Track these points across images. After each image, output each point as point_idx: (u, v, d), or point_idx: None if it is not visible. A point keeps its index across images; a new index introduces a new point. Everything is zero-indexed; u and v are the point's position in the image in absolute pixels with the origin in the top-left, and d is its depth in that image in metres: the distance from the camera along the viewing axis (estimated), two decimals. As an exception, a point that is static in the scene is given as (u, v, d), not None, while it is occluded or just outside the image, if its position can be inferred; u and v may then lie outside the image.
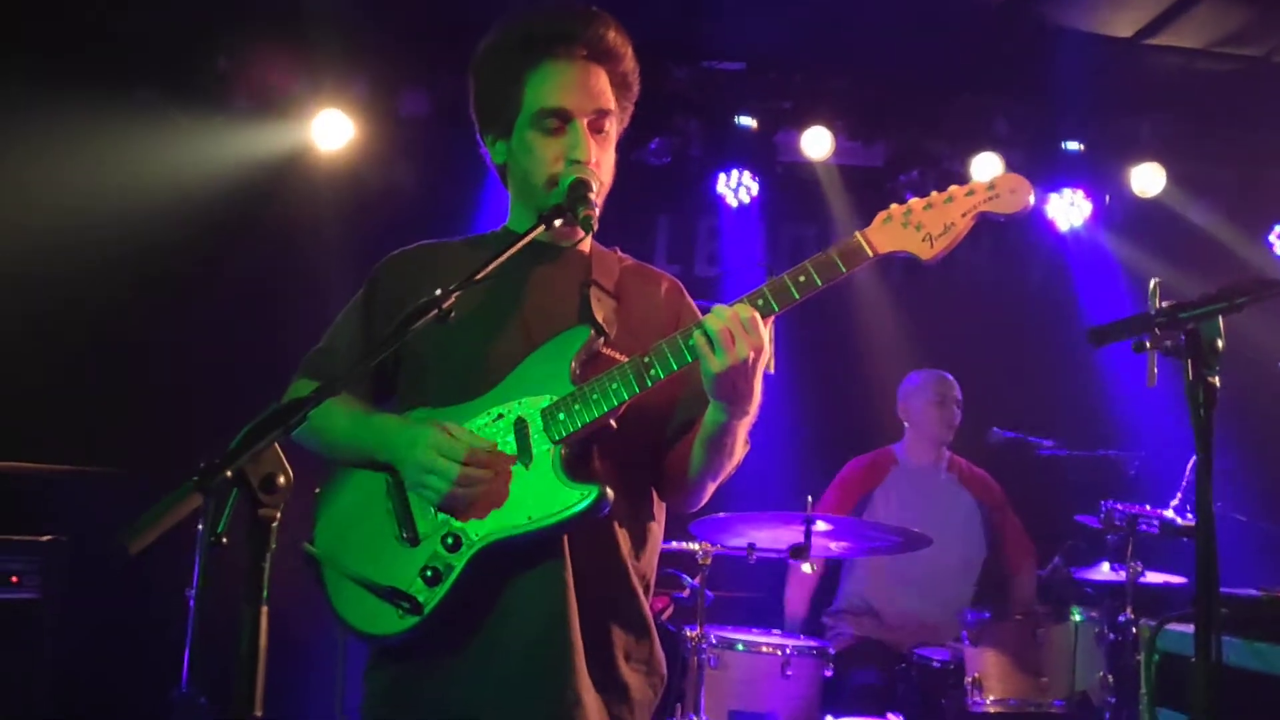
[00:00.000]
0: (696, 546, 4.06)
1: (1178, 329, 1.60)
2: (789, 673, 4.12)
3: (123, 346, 5.00)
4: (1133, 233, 5.94)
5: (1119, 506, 4.12)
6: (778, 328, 2.15)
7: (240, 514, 1.58)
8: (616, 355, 2.14)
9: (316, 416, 2.22)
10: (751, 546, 4.09)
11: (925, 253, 2.04)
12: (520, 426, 2.10)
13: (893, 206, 2.07)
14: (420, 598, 2.05)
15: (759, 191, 5.72)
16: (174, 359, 5.06)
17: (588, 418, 2.06)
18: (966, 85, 5.72)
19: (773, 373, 2.88)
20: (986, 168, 5.63)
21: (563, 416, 2.07)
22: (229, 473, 1.53)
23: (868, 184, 5.86)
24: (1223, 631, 2.47)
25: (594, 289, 2.21)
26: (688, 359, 2.04)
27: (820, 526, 4.06)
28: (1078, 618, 4.11)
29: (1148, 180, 5.73)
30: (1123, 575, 4.06)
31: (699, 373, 2.12)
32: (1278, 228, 5.99)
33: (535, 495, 2.05)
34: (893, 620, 4.81)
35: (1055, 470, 5.08)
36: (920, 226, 2.03)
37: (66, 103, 4.83)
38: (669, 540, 3.98)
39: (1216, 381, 1.60)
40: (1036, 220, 5.94)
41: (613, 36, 2.21)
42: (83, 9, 4.91)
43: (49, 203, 4.87)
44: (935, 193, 2.06)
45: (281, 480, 1.58)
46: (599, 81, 2.20)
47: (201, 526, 3.44)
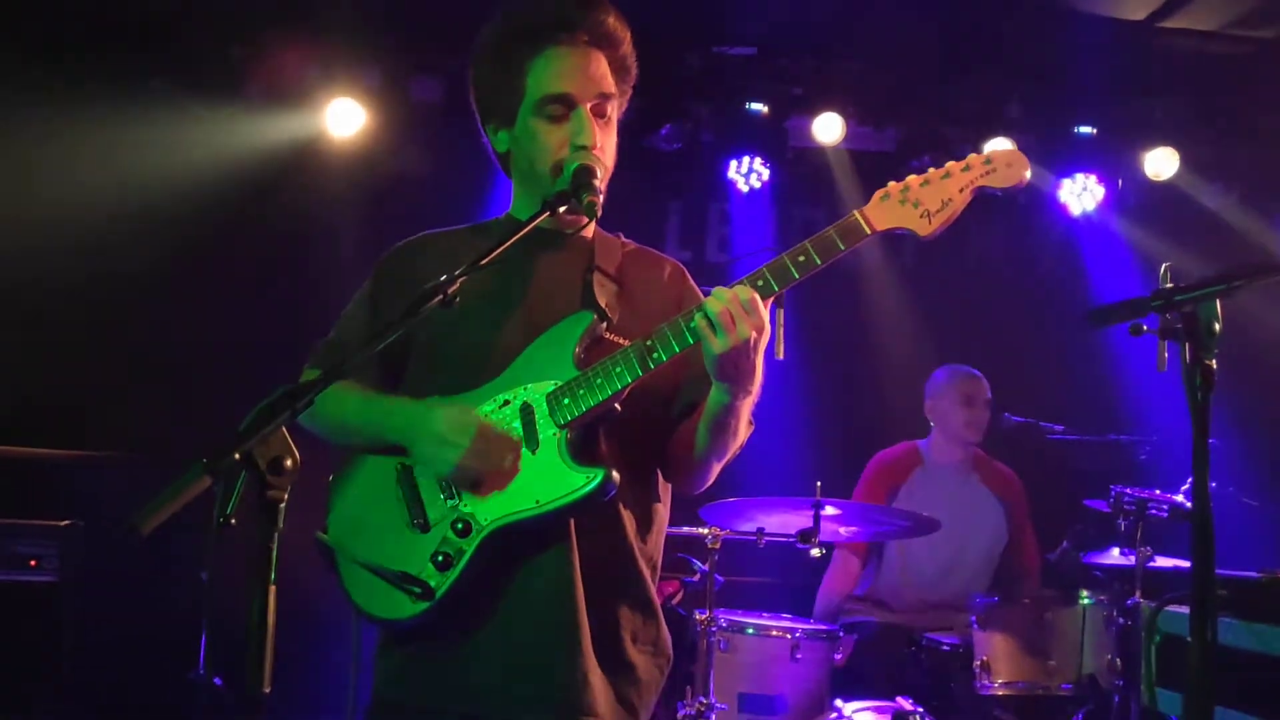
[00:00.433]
0: (706, 531, 4.08)
1: (1175, 311, 1.60)
2: (798, 656, 4.14)
3: (140, 333, 5.05)
4: (1145, 217, 5.90)
5: (1128, 491, 4.12)
6: (788, 313, 2.17)
7: (249, 496, 1.62)
8: (619, 340, 2.16)
9: (325, 400, 2.25)
10: (761, 531, 4.11)
11: (923, 229, 2.06)
12: (526, 412, 2.13)
13: (890, 184, 2.09)
14: (432, 582, 2.08)
15: (770, 177, 5.72)
16: (190, 345, 5.11)
17: (592, 402, 2.09)
18: (978, 69, 5.69)
19: (781, 358, 2.90)
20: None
21: (567, 401, 2.10)
22: (237, 455, 1.56)
23: (879, 169, 5.82)
24: (1223, 613, 2.50)
25: (597, 274, 2.23)
26: (689, 341, 2.06)
27: (829, 511, 4.08)
28: (1086, 601, 4.11)
29: (1161, 164, 5.69)
30: (1132, 560, 4.06)
31: (701, 355, 2.14)
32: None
33: (542, 479, 2.08)
34: (909, 613, 4.82)
35: (1066, 455, 5.08)
36: (918, 203, 2.05)
37: (82, 93, 4.88)
38: (679, 525, 4.02)
39: (1214, 364, 1.60)
40: (1049, 205, 5.92)
41: (612, 21, 2.23)
42: (99, 1, 4.95)
43: (66, 192, 4.92)
44: (932, 169, 2.08)
45: (289, 463, 1.60)
46: (600, 66, 2.21)
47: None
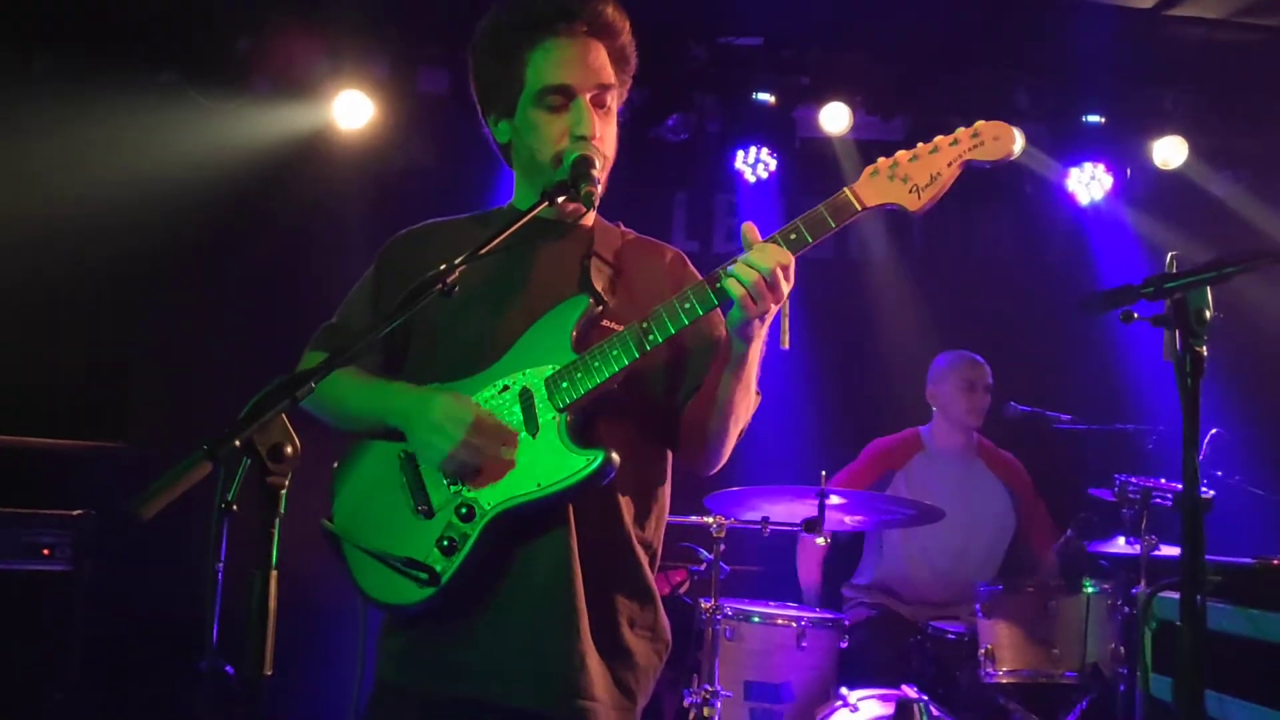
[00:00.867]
0: (711, 520, 4.10)
1: (1165, 299, 1.61)
2: (804, 644, 4.16)
3: (151, 323, 5.09)
4: (1153, 206, 5.88)
5: (1133, 480, 4.12)
6: (793, 302, 2.18)
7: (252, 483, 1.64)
8: (615, 325, 2.18)
9: (327, 386, 2.29)
10: (765, 520, 4.12)
11: (913, 204, 2.08)
12: (525, 396, 2.15)
13: (879, 160, 2.11)
14: (438, 567, 2.11)
15: (777, 167, 5.70)
16: (199, 336, 5.14)
17: (590, 385, 2.11)
18: (986, 58, 5.67)
19: (786, 348, 2.92)
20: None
21: (566, 385, 2.13)
22: (237, 442, 1.59)
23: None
24: (1217, 599, 2.51)
25: (594, 260, 2.26)
26: (684, 322, 2.09)
27: (834, 500, 4.10)
28: (1090, 590, 4.12)
29: (1169, 153, 5.67)
30: (1137, 549, 4.07)
31: (701, 335, 2.16)
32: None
33: (543, 462, 2.11)
34: (914, 601, 4.84)
35: (1072, 444, 5.08)
36: (907, 179, 2.07)
37: (91, 86, 4.92)
38: (684, 514, 4.04)
39: (1204, 351, 1.61)
40: (1057, 194, 5.90)
41: (611, 11, 2.24)
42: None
43: (76, 185, 4.96)
44: (920, 144, 2.09)
45: (289, 449, 1.63)
46: (599, 57, 2.23)
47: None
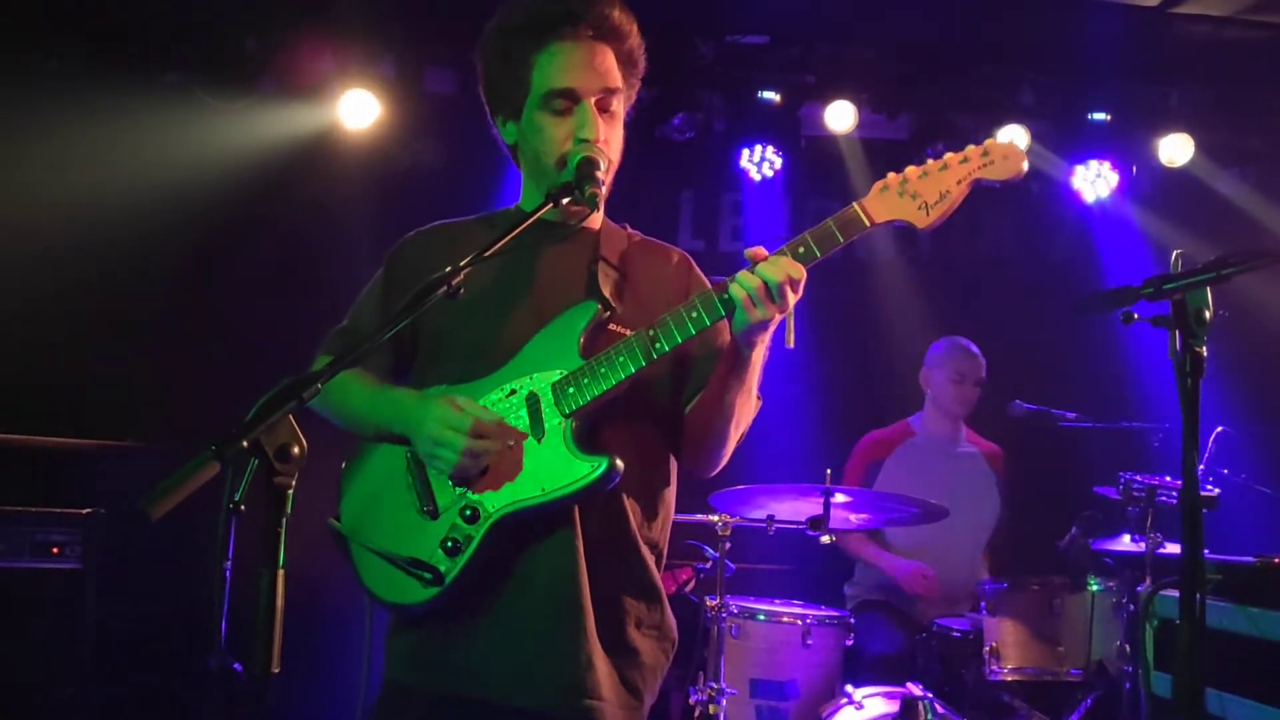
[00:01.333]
0: (716, 519, 4.11)
1: (1164, 300, 1.62)
2: (810, 642, 4.17)
3: (160, 322, 5.11)
4: (1159, 204, 5.88)
5: (1138, 478, 4.13)
6: (799, 301, 2.19)
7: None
8: (622, 330, 2.19)
9: (334, 390, 2.30)
10: (771, 518, 4.13)
11: (921, 221, 2.07)
12: (532, 401, 2.16)
13: (889, 175, 2.10)
14: (442, 568, 2.13)
15: (782, 166, 5.71)
16: (206, 335, 5.17)
17: (596, 391, 2.12)
18: (992, 56, 5.67)
19: (791, 346, 2.93)
20: (1012, 140, 5.59)
21: (572, 390, 2.14)
22: (245, 443, 1.61)
23: (892, 157, 5.82)
24: (1218, 597, 2.52)
25: (601, 265, 2.26)
26: (691, 331, 2.10)
27: (839, 499, 4.11)
28: (1095, 588, 4.13)
29: (1175, 150, 5.67)
30: (1142, 546, 4.07)
31: (706, 341, 2.18)
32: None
33: (548, 467, 2.12)
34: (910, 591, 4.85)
35: (1078, 442, 5.09)
36: (916, 195, 2.07)
37: (99, 87, 4.94)
38: (690, 512, 4.05)
39: (1204, 351, 1.62)
40: (1062, 192, 5.90)
41: (617, 15, 2.24)
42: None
43: (82, 184, 4.98)
44: (931, 160, 2.09)
45: (296, 450, 1.65)
46: (605, 60, 2.23)
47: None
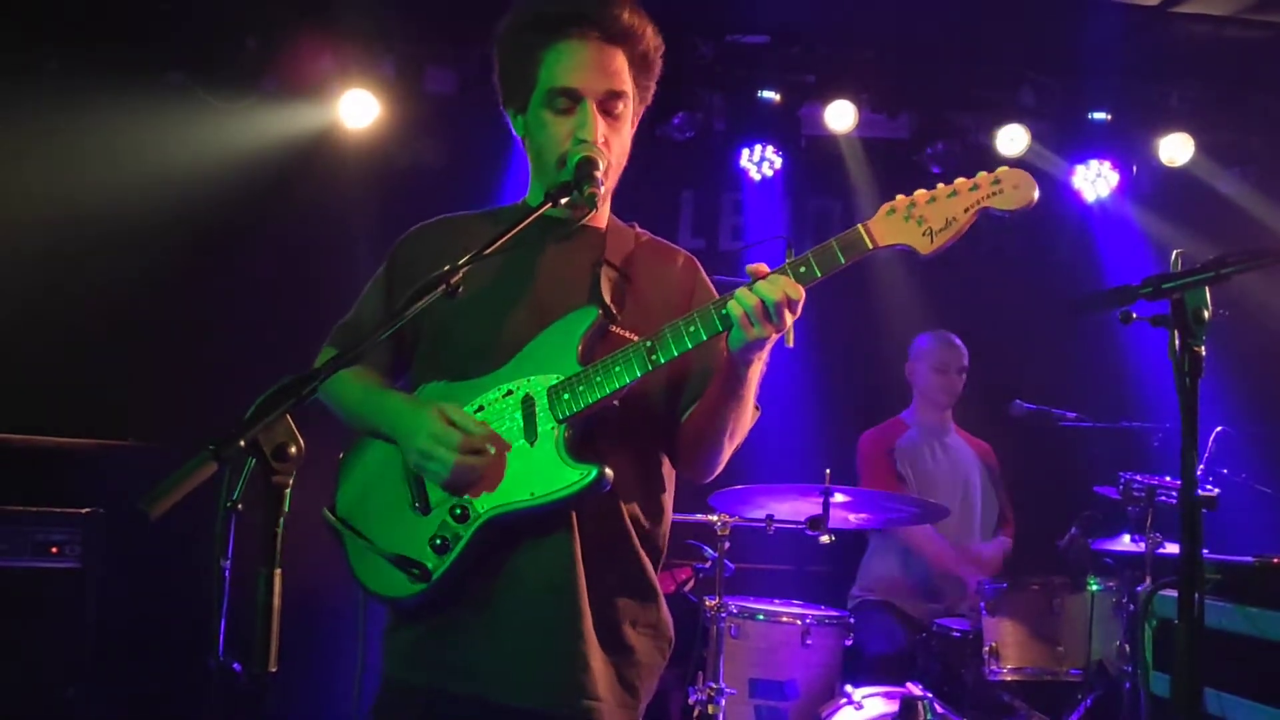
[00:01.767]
0: (716, 518, 4.11)
1: (1163, 299, 1.62)
2: (809, 642, 4.17)
3: (157, 323, 5.12)
4: (1160, 203, 5.88)
5: (1138, 478, 4.13)
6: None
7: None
8: (625, 334, 2.19)
9: (333, 387, 2.30)
10: (770, 518, 4.14)
11: (924, 247, 2.05)
12: (528, 404, 2.16)
13: (898, 198, 2.08)
14: (429, 564, 2.14)
15: (783, 165, 5.71)
16: (207, 334, 5.17)
17: (591, 399, 2.12)
18: (992, 56, 5.68)
19: (791, 346, 2.92)
20: (1012, 140, 5.60)
21: (567, 397, 2.14)
22: (243, 442, 1.61)
23: (892, 157, 5.84)
24: (1217, 597, 2.52)
25: (605, 268, 2.26)
26: (687, 345, 2.09)
27: (838, 498, 4.11)
28: (1094, 588, 4.13)
29: (1176, 150, 5.67)
30: (1142, 546, 4.07)
31: (706, 351, 2.17)
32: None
33: (538, 472, 2.12)
34: (914, 583, 4.85)
35: (1078, 442, 5.09)
36: (922, 220, 2.05)
37: (99, 87, 4.95)
38: (689, 512, 4.05)
39: (1202, 351, 1.62)
40: (1063, 191, 5.90)
41: (627, 16, 2.23)
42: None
43: (83, 183, 4.99)
44: (941, 185, 2.06)
45: (293, 450, 1.65)
46: (613, 62, 2.22)
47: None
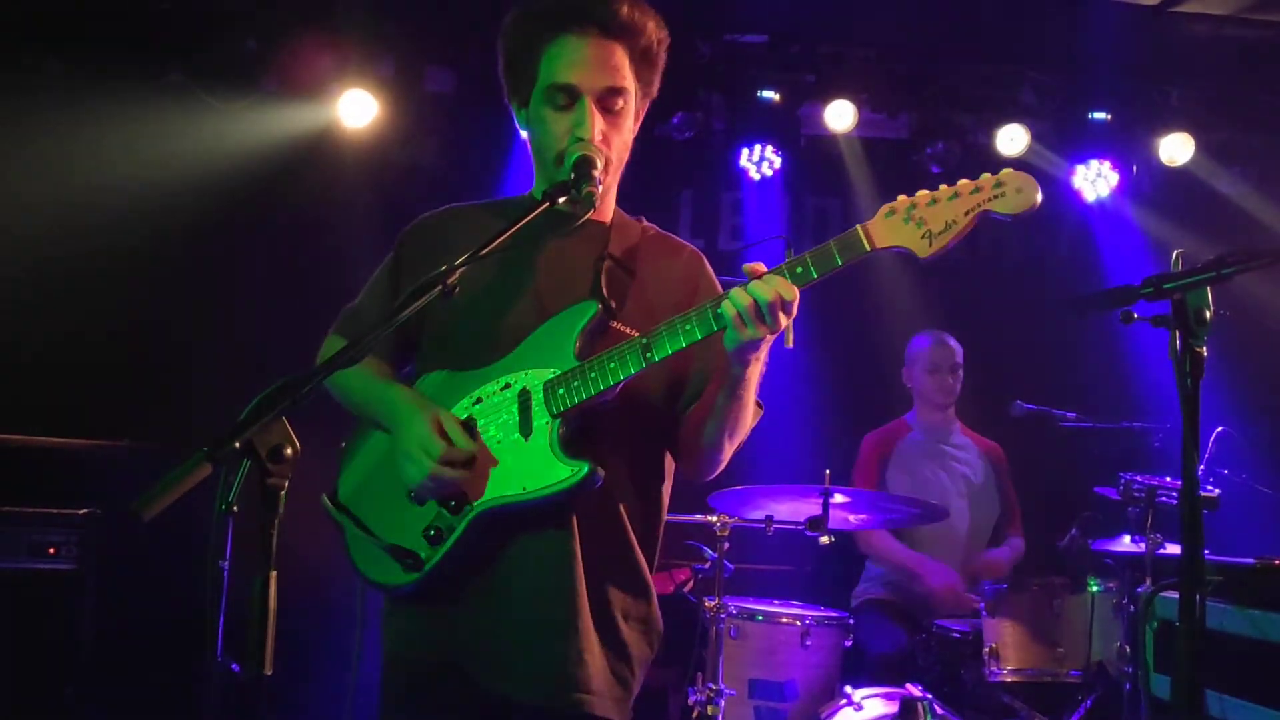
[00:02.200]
0: (715, 519, 4.10)
1: (1164, 299, 1.61)
2: (808, 643, 4.16)
3: (155, 323, 5.11)
4: (1160, 203, 5.87)
5: (1138, 478, 4.11)
6: (799, 300, 2.18)
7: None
8: (625, 329, 2.19)
9: (337, 375, 2.31)
10: (770, 519, 4.12)
11: (923, 250, 2.02)
12: (524, 397, 2.17)
13: (899, 198, 2.05)
14: (422, 554, 2.17)
15: (782, 165, 5.70)
16: (205, 335, 5.17)
17: (585, 394, 2.12)
18: (992, 55, 5.66)
19: (790, 346, 2.90)
20: (1012, 139, 5.59)
21: (563, 392, 2.14)
22: (237, 444, 1.60)
23: (892, 156, 5.83)
24: (1218, 599, 2.51)
25: (608, 262, 2.25)
26: (682, 344, 2.08)
27: (838, 499, 4.10)
28: (1095, 589, 4.12)
29: (1176, 150, 5.65)
30: (1142, 547, 4.06)
31: (705, 349, 2.16)
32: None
33: (530, 467, 2.13)
34: (913, 586, 4.84)
35: (1078, 442, 5.07)
36: (922, 223, 2.01)
37: (101, 86, 4.95)
38: (689, 513, 4.05)
39: (1204, 351, 1.61)
40: (1063, 191, 5.89)
41: (627, 11, 2.22)
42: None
43: (81, 184, 4.99)
44: (943, 186, 2.03)
45: (289, 451, 1.64)
46: (613, 58, 2.21)
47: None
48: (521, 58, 2.24)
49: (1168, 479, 4.10)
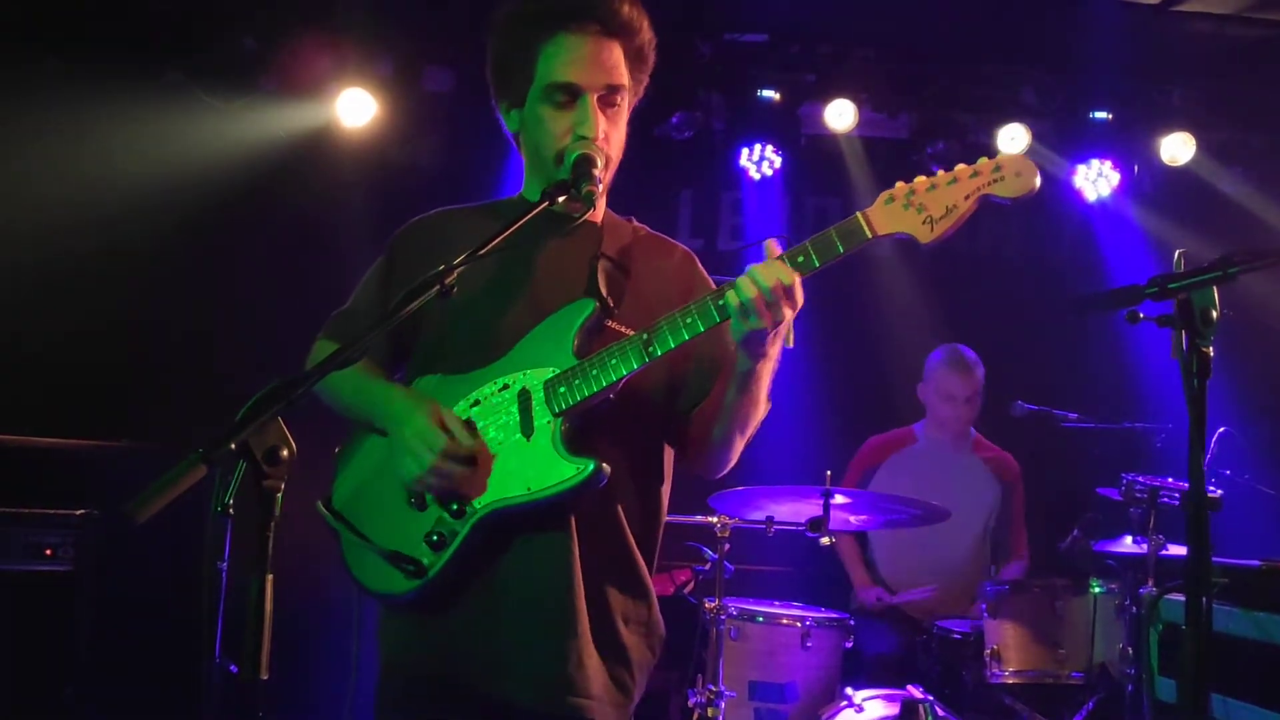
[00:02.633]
0: (716, 520, 4.08)
1: (1169, 299, 1.60)
2: (809, 644, 4.15)
3: (155, 321, 5.10)
4: (1161, 203, 5.86)
5: (1140, 479, 4.10)
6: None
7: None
8: (622, 328, 2.17)
9: (327, 380, 2.29)
10: (770, 520, 4.11)
11: (924, 235, 2.00)
12: (524, 398, 2.15)
13: (898, 185, 2.04)
14: (425, 561, 2.12)
15: (782, 165, 5.69)
16: (203, 334, 5.16)
17: (587, 392, 2.10)
18: (993, 55, 5.66)
19: (791, 346, 2.90)
20: (1013, 139, 5.58)
21: (563, 390, 2.12)
22: (233, 445, 1.58)
23: (893, 156, 5.82)
24: (1223, 601, 2.49)
25: (602, 261, 2.24)
26: (684, 337, 2.07)
27: (838, 500, 4.08)
28: (1097, 590, 4.10)
29: (1177, 149, 5.64)
30: (1145, 548, 4.04)
31: (708, 345, 2.15)
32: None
33: (534, 467, 2.10)
34: (907, 585, 4.83)
35: (1080, 443, 5.06)
36: (922, 208, 2.00)
37: (99, 86, 4.93)
38: (689, 514, 4.03)
39: (1210, 351, 1.60)
40: (1064, 191, 5.88)
41: (627, 10, 2.22)
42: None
43: (83, 183, 4.98)
44: (941, 172, 2.02)
45: (284, 453, 1.63)
46: (611, 56, 2.20)
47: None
48: (516, 57, 2.22)
49: (1170, 480, 4.08)
